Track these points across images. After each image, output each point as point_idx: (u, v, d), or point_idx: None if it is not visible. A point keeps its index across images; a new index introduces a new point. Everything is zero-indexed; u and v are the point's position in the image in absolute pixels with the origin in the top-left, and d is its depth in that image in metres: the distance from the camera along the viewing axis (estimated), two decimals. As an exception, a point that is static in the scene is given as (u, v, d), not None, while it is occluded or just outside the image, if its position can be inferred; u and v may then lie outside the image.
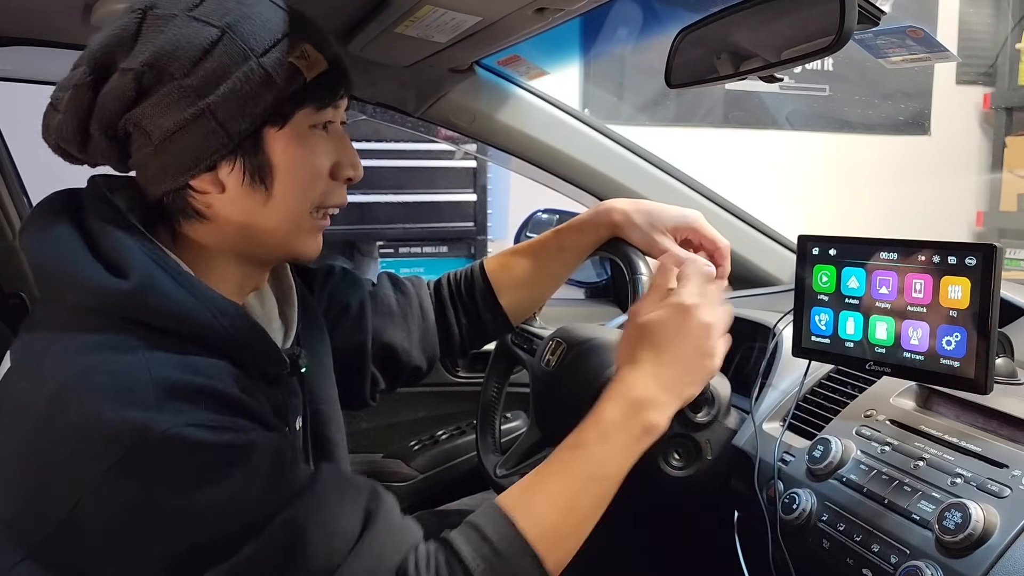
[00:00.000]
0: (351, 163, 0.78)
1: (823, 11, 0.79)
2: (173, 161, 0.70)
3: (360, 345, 1.00)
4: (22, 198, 1.59)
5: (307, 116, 0.73)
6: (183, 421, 0.62)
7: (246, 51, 0.68)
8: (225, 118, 0.69)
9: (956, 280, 0.79)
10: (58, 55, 1.24)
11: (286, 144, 0.72)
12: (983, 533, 0.70)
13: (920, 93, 3.74)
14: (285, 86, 0.70)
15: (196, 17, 0.68)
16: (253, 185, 0.72)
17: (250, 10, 0.70)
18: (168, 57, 0.67)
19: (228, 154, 0.71)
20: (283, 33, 0.70)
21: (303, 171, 0.74)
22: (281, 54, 0.69)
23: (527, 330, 1.17)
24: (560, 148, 1.48)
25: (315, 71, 0.71)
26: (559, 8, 0.94)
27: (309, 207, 0.76)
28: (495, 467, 1.06)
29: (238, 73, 0.68)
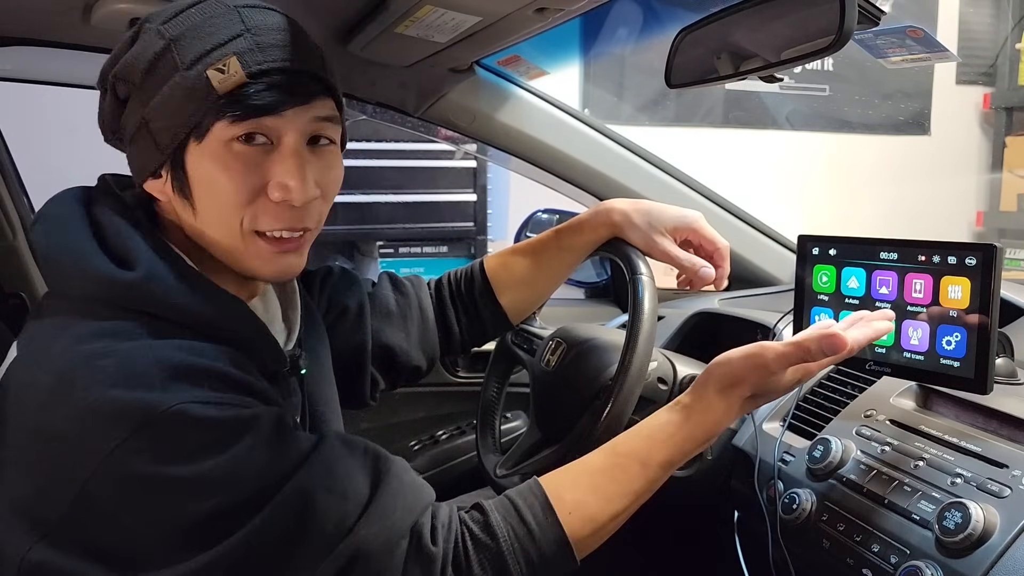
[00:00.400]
0: (280, 183, 0.71)
1: (823, 11, 0.79)
2: (133, 165, 0.75)
3: (360, 346, 1.00)
4: (22, 198, 1.59)
5: (223, 130, 0.70)
6: (188, 398, 0.63)
7: (176, 64, 0.69)
8: (156, 130, 0.71)
9: (956, 280, 0.79)
10: (58, 55, 1.24)
11: (201, 158, 0.71)
12: (983, 533, 0.70)
13: (920, 93, 3.74)
14: (201, 100, 0.69)
15: (159, 30, 0.71)
16: (180, 197, 0.73)
17: (205, 22, 0.70)
18: (131, 68, 0.71)
19: (161, 164, 0.72)
20: (214, 45, 0.69)
21: (216, 186, 0.71)
22: (203, 67, 0.69)
23: (527, 330, 1.17)
24: (560, 148, 1.48)
25: (228, 85, 0.68)
26: (559, 8, 0.94)
27: (235, 224, 0.73)
28: (495, 467, 1.06)
29: (166, 85, 0.69)
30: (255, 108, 0.69)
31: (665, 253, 0.98)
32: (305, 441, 0.70)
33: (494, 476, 1.05)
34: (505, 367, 1.19)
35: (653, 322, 0.90)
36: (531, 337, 1.15)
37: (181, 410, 0.63)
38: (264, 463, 0.66)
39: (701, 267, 0.98)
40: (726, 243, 1.01)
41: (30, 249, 1.55)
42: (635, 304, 0.91)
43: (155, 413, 0.62)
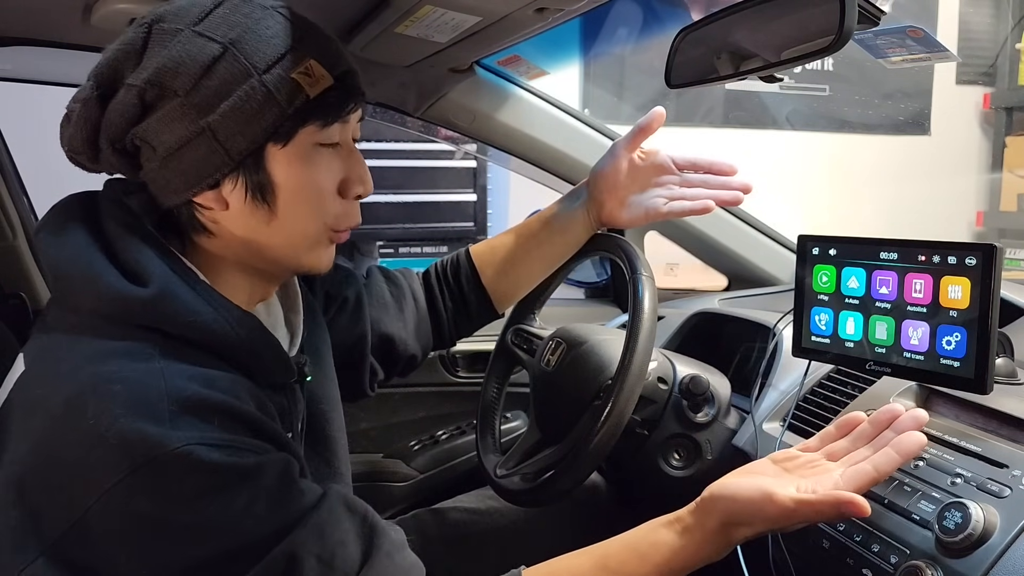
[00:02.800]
0: (359, 179, 0.77)
1: (823, 11, 0.79)
2: (176, 177, 0.70)
3: (360, 338, 1.01)
4: (22, 198, 1.59)
5: (311, 134, 0.71)
6: (195, 439, 0.62)
7: (248, 68, 0.67)
8: (226, 137, 0.68)
9: (956, 280, 0.79)
10: (58, 55, 1.24)
11: (288, 163, 0.71)
12: (983, 533, 0.70)
13: (920, 93, 3.74)
14: (287, 104, 0.68)
15: (200, 32, 0.67)
16: (256, 203, 0.71)
17: (256, 24, 0.69)
18: (171, 73, 0.67)
19: (230, 172, 0.70)
20: (287, 48, 0.69)
21: (307, 190, 0.73)
22: (284, 70, 0.68)
23: (527, 330, 1.17)
24: (560, 148, 1.48)
25: (319, 88, 0.69)
26: (559, 8, 0.94)
27: (317, 226, 0.75)
28: (495, 467, 1.06)
29: (239, 91, 0.67)
30: (340, 111, 0.72)
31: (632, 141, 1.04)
32: (308, 496, 0.68)
33: (494, 476, 1.05)
34: (505, 367, 1.19)
35: (653, 322, 0.91)
36: (531, 337, 1.15)
37: (186, 452, 0.61)
38: (262, 517, 0.64)
39: None
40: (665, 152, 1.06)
41: (34, 258, 1.55)
42: (635, 304, 0.91)
43: (160, 451, 0.61)
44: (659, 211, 1.05)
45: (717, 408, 1.04)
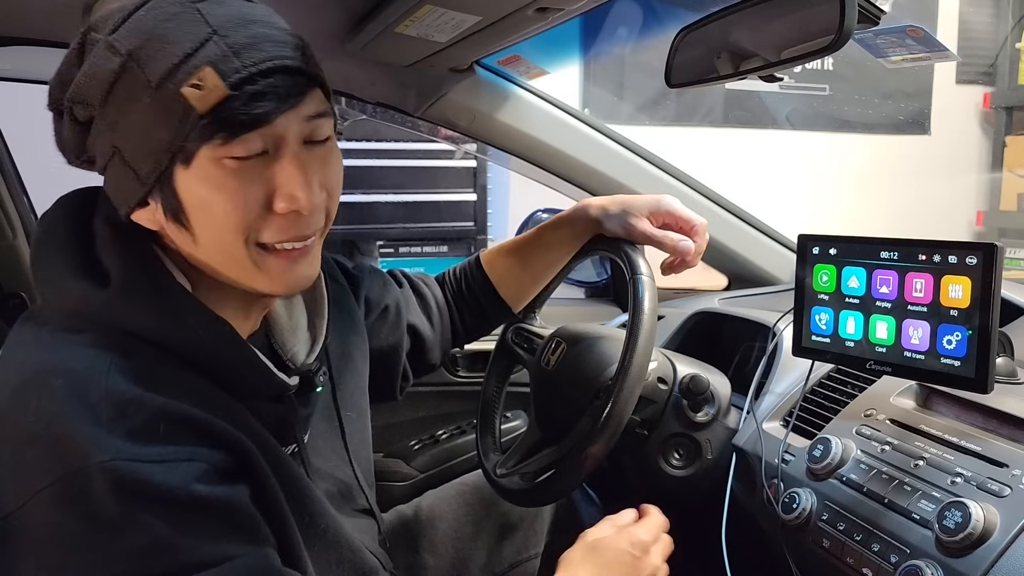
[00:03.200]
0: (286, 194, 0.65)
1: (823, 11, 0.79)
2: (114, 195, 0.67)
3: (397, 344, 1.03)
4: (22, 198, 1.59)
5: (214, 150, 0.62)
6: (127, 453, 0.59)
7: (144, 82, 0.60)
8: (132, 158, 0.63)
9: (957, 279, 0.79)
10: (58, 55, 1.23)
11: (193, 183, 0.63)
12: (983, 532, 0.70)
13: (920, 93, 3.74)
14: (180, 122, 0.60)
15: (110, 44, 0.62)
16: (176, 225, 0.66)
17: (161, 27, 0.61)
18: (87, 89, 0.63)
19: (147, 194, 0.65)
20: (183, 56, 0.60)
21: (215, 210, 0.64)
22: (175, 84, 0.60)
23: (527, 329, 1.17)
24: (560, 148, 1.48)
25: (209, 102, 0.60)
26: (559, 8, 0.94)
27: (239, 243, 0.66)
28: (495, 467, 1.06)
29: (135, 109, 0.61)
30: (244, 124, 0.61)
31: (644, 234, 1.00)
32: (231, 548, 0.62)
33: (494, 476, 1.05)
34: (505, 367, 1.19)
35: (653, 321, 0.90)
36: (531, 336, 1.15)
37: (114, 467, 0.58)
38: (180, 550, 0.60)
39: (679, 240, 1.00)
40: (703, 221, 1.03)
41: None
42: (635, 303, 0.91)
43: (89, 462, 0.58)
44: None
45: (717, 408, 1.04)
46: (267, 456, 0.69)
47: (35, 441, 0.60)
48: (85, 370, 0.62)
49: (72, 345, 0.64)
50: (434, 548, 1.18)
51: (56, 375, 0.62)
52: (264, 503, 0.68)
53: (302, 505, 0.75)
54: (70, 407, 0.60)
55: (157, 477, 0.59)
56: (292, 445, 0.79)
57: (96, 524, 0.58)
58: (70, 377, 0.61)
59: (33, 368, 0.63)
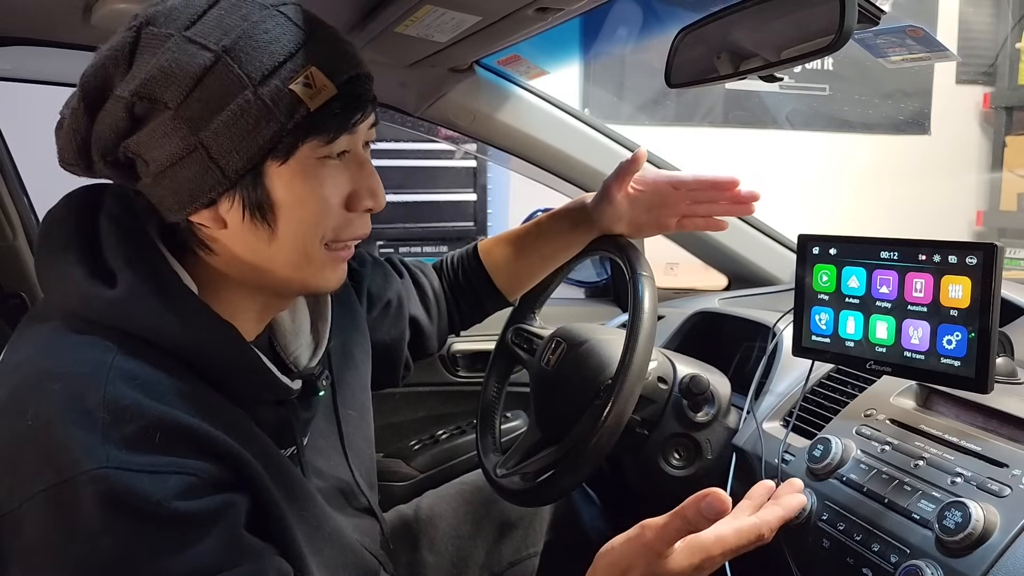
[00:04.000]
0: (369, 192, 0.70)
1: (823, 10, 0.79)
2: (170, 196, 0.66)
3: (399, 336, 1.04)
4: (22, 198, 1.59)
5: (314, 149, 0.65)
6: (117, 461, 0.58)
7: (242, 79, 0.61)
8: (220, 154, 0.63)
9: (957, 279, 0.79)
10: (58, 55, 1.24)
11: (290, 179, 0.65)
12: (983, 532, 0.70)
13: (920, 92, 3.74)
14: (286, 119, 0.62)
15: (192, 38, 0.61)
16: (255, 223, 0.66)
17: (253, 28, 0.62)
18: (160, 85, 0.61)
19: (226, 191, 0.65)
20: (286, 56, 0.62)
21: (310, 208, 0.67)
22: (282, 81, 0.62)
23: (527, 330, 1.17)
24: (560, 148, 1.48)
25: (320, 100, 0.63)
26: (559, 8, 0.94)
27: (317, 242, 0.70)
28: (495, 467, 1.06)
29: (233, 105, 0.61)
30: (344, 124, 0.65)
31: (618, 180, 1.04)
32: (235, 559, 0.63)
33: (494, 476, 1.05)
34: (505, 367, 1.19)
35: (653, 321, 0.90)
36: (531, 337, 1.15)
37: (103, 475, 0.57)
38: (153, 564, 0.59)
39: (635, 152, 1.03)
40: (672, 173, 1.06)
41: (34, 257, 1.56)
42: (635, 303, 0.91)
43: (79, 471, 0.57)
44: (670, 228, 1.07)
45: (717, 407, 1.04)
46: (266, 463, 0.69)
47: (31, 445, 0.59)
48: (84, 374, 0.61)
49: (73, 347, 0.64)
50: (434, 546, 1.18)
51: (55, 378, 0.61)
52: (263, 512, 0.68)
53: (306, 510, 0.75)
54: (67, 412, 0.59)
55: (144, 487, 0.58)
56: (291, 448, 0.79)
57: (78, 535, 0.58)
58: (69, 381, 0.61)
59: (32, 370, 0.63)
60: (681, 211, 1.06)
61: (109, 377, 0.61)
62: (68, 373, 0.61)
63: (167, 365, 0.65)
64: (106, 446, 0.58)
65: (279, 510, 0.70)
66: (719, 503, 0.62)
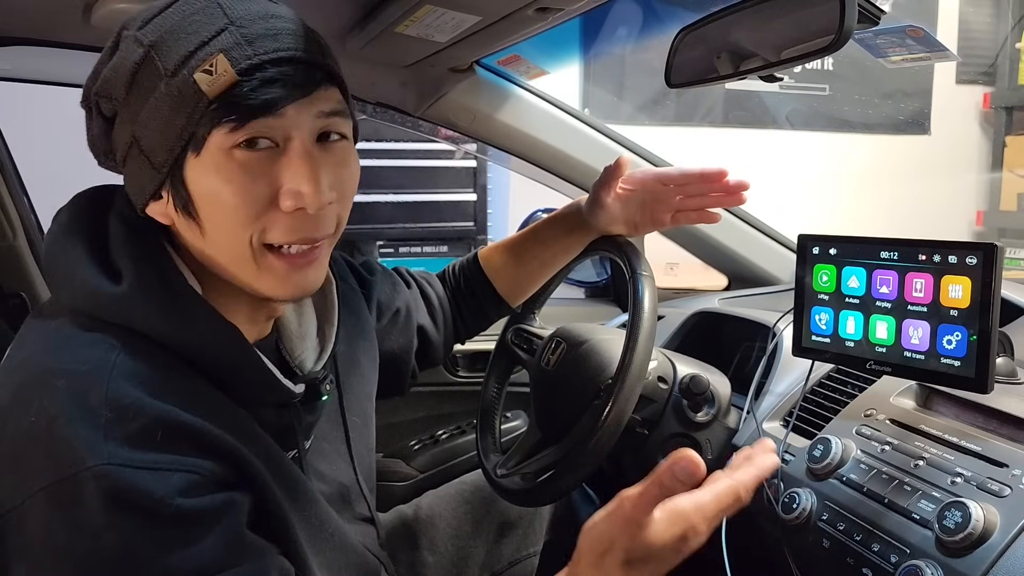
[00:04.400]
0: (292, 189, 0.65)
1: (823, 10, 0.79)
2: (129, 188, 0.68)
3: (407, 345, 1.05)
4: (22, 198, 1.59)
5: (222, 138, 0.63)
6: (121, 457, 0.58)
7: (160, 71, 0.62)
8: (148, 147, 0.64)
9: (957, 279, 0.79)
10: (58, 55, 1.24)
11: (203, 172, 0.64)
12: (983, 532, 0.70)
13: (920, 92, 3.74)
14: (192, 108, 0.62)
15: (137, 37, 0.64)
16: (185, 218, 0.66)
17: (183, 21, 0.63)
18: (111, 82, 0.64)
19: (160, 185, 0.66)
20: (197, 45, 0.62)
21: (220, 201, 0.64)
22: (188, 71, 0.61)
23: (527, 330, 1.17)
24: (560, 148, 1.48)
25: (219, 87, 0.61)
26: (559, 8, 0.94)
27: (245, 240, 0.66)
28: (495, 467, 1.06)
29: (152, 97, 0.62)
30: (252, 109, 0.62)
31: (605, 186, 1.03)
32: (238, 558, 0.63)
33: (494, 476, 1.05)
34: (505, 367, 1.19)
35: (653, 321, 0.90)
36: (531, 337, 1.15)
37: (105, 472, 0.57)
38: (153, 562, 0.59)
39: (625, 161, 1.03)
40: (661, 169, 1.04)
41: (34, 257, 1.55)
42: (635, 303, 0.91)
43: (82, 467, 0.57)
44: (665, 224, 1.07)
45: (717, 407, 1.04)
46: (268, 464, 0.69)
47: (34, 442, 0.60)
48: (88, 372, 0.61)
49: (77, 345, 0.64)
50: (434, 546, 1.18)
51: (59, 376, 0.61)
52: (265, 512, 0.68)
53: (308, 511, 0.75)
54: (70, 410, 0.59)
55: (147, 484, 0.59)
56: (294, 451, 0.79)
57: (81, 531, 0.58)
58: (72, 379, 0.61)
59: (37, 367, 0.63)
60: (673, 206, 1.05)
61: (112, 375, 0.61)
62: (72, 371, 0.62)
63: (170, 364, 0.65)
64: (109, 443, 0.58)
65: (281, 510, 0.69)
66: (691, 465, 0.62)
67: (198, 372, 0.66)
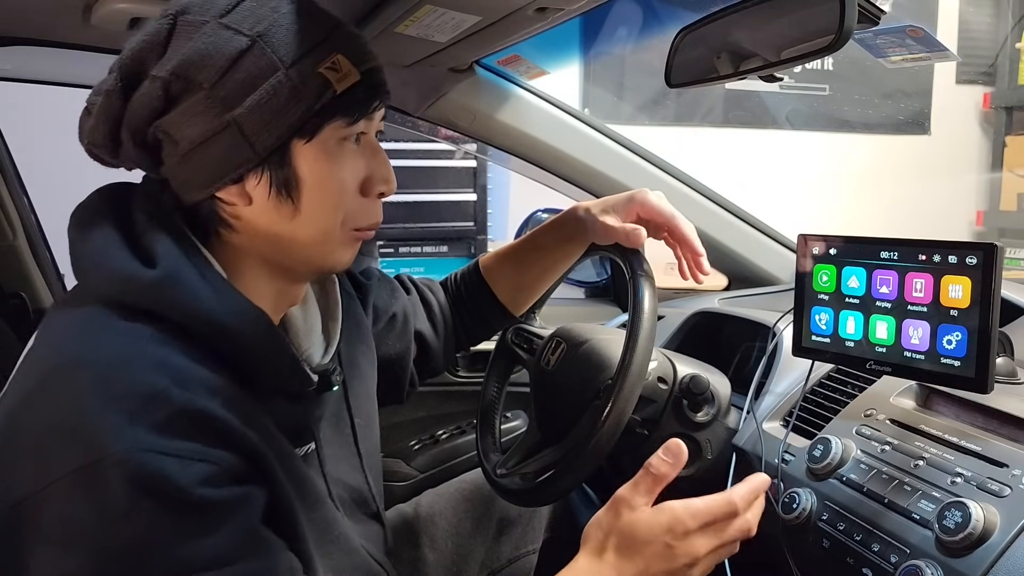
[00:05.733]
0: (383, 177, 0.75)
1: (823, 10, 0.79)
2: (199, 172, 0.69)
3: (404, 351, 1.04)
4: (22, 198, 1.59)
5: (336, 130, 0.70)
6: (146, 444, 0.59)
7: (275, 62, 0.66)
8: (251, 131, 0.67)
9: (957, 279, 0.79)
10: (58, 55, 1.24)
11: (314, 158, 0.70)
12: (983, 532, 0.70)
13: (920, 93, 3.74)
14: (314, 99, 0.67)
15: (227, 25, 0.66)
16: (280, 199, 0.70)
17: (283, 18, 0.68)
18: (196, 66, 0.66)
19: (254, 167, 0.69)
20: (315, 42, 0.68)
21: (330, 186, 0.71)
22: (310, 65, 0.67)
23: (527, 330, 1.17)
24: (560, 148, 1.48)
25: (346, 83, 0.68)
26: (559, 8, 0.94)
27: (338, 223, 0.74)
28: (495, 467, 1.06)
29: (266, 85, 0.66)
30: (365, 108, 0.71)
31: (606, 228, 0.98)
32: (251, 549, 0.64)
33: (494, 476, 1.05)
34: (505, 367, 1.19)
35: (653, 321, 0.90)
36: (531, 337, 1.15)
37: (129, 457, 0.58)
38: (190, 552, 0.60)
39: (630, 231, 0.96)
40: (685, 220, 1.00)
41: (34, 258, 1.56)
42: (635, 303, 0.91)
43: (106, 453, 0.58)
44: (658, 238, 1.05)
45: (717, 408, 1.04)
46: (282, 463, 0.69)
47: (58, 430, 0.60)
48: (113, 360, 0.63)
49: (104, 331, 0.65)
50: (434, 544, 1.18)
51: (85, 364, 0.63)
52: (276, 509, 0.69)
53: (316, 512, 0.75)
54: (95, 398, 0.61)
55: (171, 471, 0.60)
56: (308, 445, 0.80)
57: (103, 516, 0.59)
58: (98, 367, 0.62)
59: (65, 355, 0.64)
60: None
61: (140, 364, 0.63)
62: (99, 359, 0.63)
63: (197, 355, 0.66)
64: (135, 429, 0.60)
65: (291, 510, 0.70)
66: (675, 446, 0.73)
67: (223, 362, 0.68)
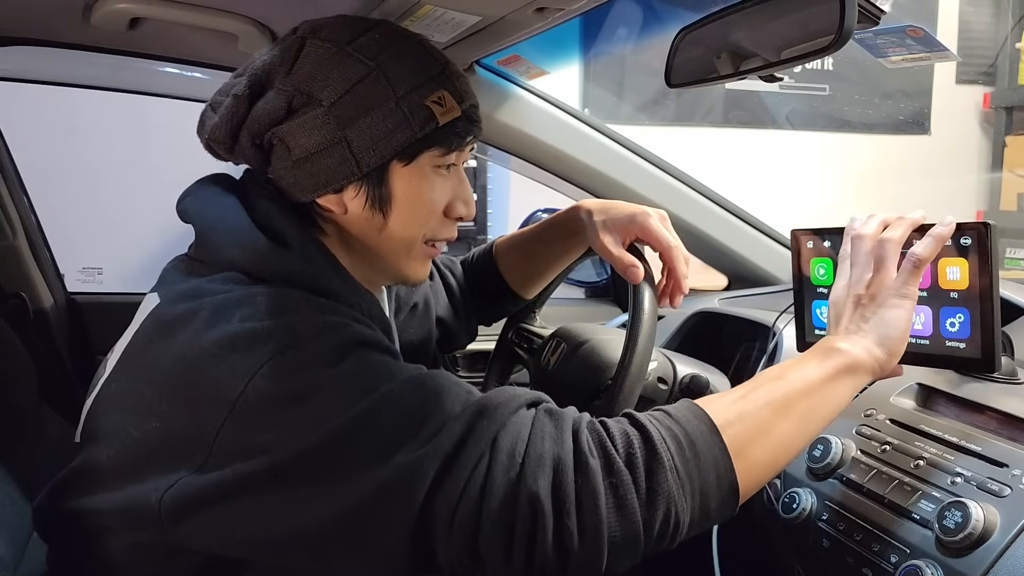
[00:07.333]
0: (465, 202, 0.83)
1: (823, 10, 0.79)
2: (305, 178, 0.76)
3: (426, 336, 1.09)
4: (22, 198, 1.59)
5: (432, 158, 0.78)
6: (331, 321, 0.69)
7: (390, 90, 0.74)
8: (359, 149, 0.74)
9: (953, 261, 0.79)
10: (58, 55, 1.24)
11: (408, 180, 0.78)
12: (983, 532, 0.70)
13: (920, 92, 3.74)
14: (419, 128, 0.75)
15: (351, 52, 0.74)
16: (372, 211, 0.78)
17: (401, 52, 0.76)
18: (320, 84, 0.73)
19: (355, 181, 0.76)
20: (426, 77, 0.76)
21: (419, 206, 0.80)
22: (420, 97, 0.75)
23: (527, 329, 1.17)
24: (560, 148, 1.48)
25: (448, 117, 0.76)
26: (559, 8, 0.94)
27: (420, 238, 0.82)
28: (495, 467, 1.06)
29: (379, 110, 0.74)
30: (461, 141, 0.79)
31: (604, 249, 0.97)
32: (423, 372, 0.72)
33: (494, 476, 1.05)
34: (505, 366, 1.19)
35: (653, 322, 0.90)
36: (532, 336, 1.15)
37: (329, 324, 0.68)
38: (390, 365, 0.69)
39: (628, 266, 0.94)
40: (678, 243, 0.97)
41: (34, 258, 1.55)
42: (635, 303, 0.91)
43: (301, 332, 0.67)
44: None
45: (717, 407, 1.04)
46: None
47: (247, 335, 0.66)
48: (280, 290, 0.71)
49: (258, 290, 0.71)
50: None
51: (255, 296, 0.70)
52: None
53: None
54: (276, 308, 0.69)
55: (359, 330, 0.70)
56: None
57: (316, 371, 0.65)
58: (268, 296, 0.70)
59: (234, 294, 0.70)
60: None
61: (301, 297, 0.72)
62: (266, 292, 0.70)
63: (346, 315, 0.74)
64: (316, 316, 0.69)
65: None
66: None
67: None
